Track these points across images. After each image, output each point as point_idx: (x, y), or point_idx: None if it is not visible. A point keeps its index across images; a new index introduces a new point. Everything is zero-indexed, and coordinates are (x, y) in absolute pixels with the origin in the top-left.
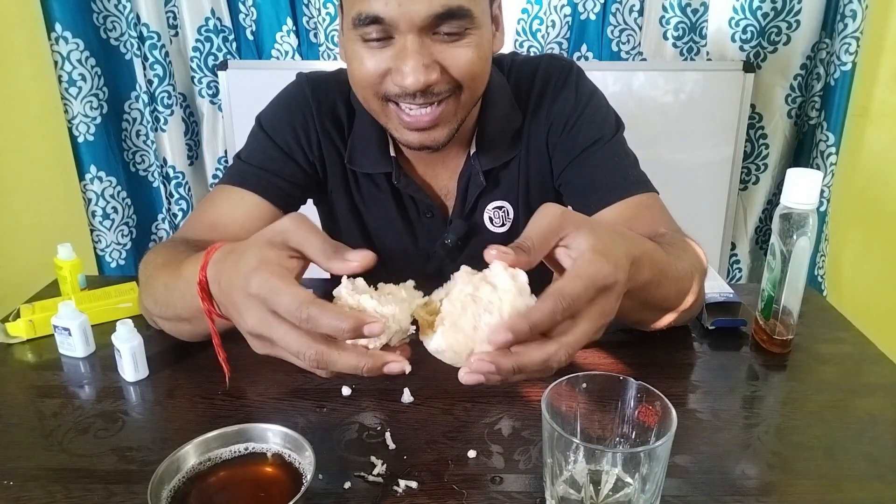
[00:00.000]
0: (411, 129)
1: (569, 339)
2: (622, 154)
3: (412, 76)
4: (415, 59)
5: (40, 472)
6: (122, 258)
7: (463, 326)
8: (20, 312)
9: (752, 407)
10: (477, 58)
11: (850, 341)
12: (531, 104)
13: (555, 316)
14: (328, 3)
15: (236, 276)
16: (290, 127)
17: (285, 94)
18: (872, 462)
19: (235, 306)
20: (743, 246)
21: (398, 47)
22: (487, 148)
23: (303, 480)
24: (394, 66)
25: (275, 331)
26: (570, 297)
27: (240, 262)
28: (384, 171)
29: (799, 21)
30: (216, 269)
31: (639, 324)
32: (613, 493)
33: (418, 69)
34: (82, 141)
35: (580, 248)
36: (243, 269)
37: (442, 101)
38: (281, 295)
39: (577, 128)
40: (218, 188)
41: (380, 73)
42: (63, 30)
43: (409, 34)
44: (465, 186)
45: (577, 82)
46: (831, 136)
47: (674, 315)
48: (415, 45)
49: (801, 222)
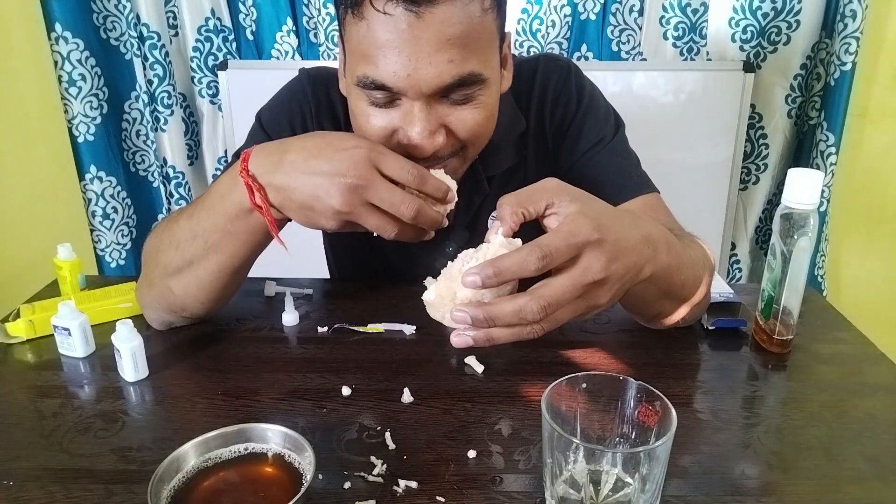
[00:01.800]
0: None
1: (542, 291)
2: (624, 154)
3: (419, 142)
4: (421, 125)
5: (40, 472)
6: (122, 258)
7: (452, 274)
8: (20, 312)
9: (752, 407)
10: (484, 118)
11: (850, 341)
12: (532, 108)
13: (525, 264)
14: (328, 3)
15: (332, 140)
16: (288, 126)
17: (286, 90)
18: (872, 462)
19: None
20: (743, 246)
21: (404, 110)
22: (490, 155)
23: (303, 480)
24: (400, 128)
25: (380, 183)
26: (545, 247)
27: (325, 135)
28: None
29: (799, 21)
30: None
31: (657, 317)
32: (613, 493)
33: (425, 135)
34: (82, 141)
35: (567, 211)
36: (339, 135)
37: (447, 160)
38: (394, 155)
39: (579, 130)
40: None
41: (387, 133)
42: (63, 30)
43: (416, 101)
44: (469, 195)
45: (577, 83)
46: (831, 137)
47: (687, 308)
48: (422, 112)
49: (802, 222)
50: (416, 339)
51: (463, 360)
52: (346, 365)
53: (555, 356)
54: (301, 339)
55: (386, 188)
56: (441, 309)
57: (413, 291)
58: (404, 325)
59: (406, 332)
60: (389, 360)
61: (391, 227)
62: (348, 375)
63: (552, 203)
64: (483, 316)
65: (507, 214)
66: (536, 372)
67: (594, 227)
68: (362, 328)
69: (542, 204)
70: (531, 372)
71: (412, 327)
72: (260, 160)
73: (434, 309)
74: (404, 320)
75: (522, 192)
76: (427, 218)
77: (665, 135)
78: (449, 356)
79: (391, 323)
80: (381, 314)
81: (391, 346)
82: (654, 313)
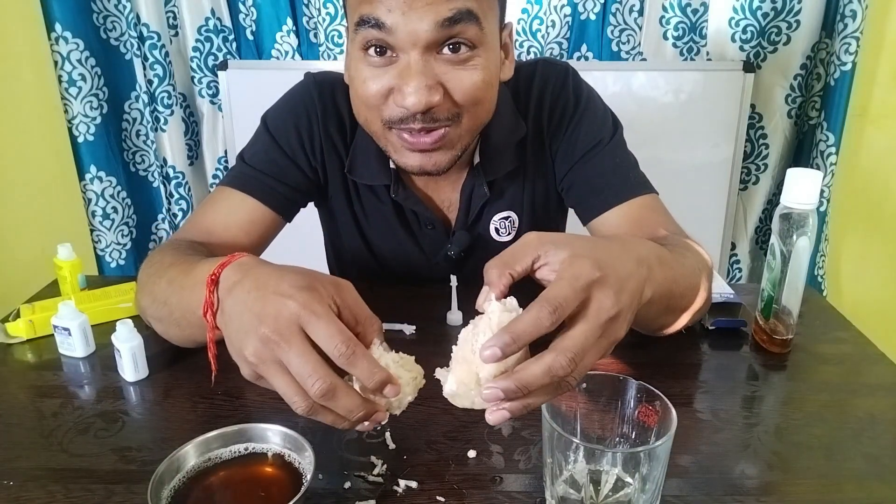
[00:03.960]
0: (413, 151)
1: (566, 343)
2: (622, 156)
3: (414, 96)
4: (417, 78)
5: (40, 472)
6: (122, 258)
7: (464, 357)
8: (20, 312)
9: (752, 407)
10: (482, 81)
11: (850, 341)
12: (531, 111)
13: (540, 321)
14: (328, 3)
15: (277, 280)
16: (294, 130)
17: (292, 94)
18: (872, 462)
19: (250, 310)
20: (743, 246)
21: (401, 66)
22: (491, 158)
23: (303, 480)
24: (396, 86)
25: (294, 346)
26: (554, 299)
27: (284, 272)
28: (383, 182)
29: (799, 21)
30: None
31: (659, 329)
32: (613, 493)
33: (420, 89)
34: (82, 141)
35: (559, 258)
36: (290, 277)
37: (443, 126)
38: (327, 321)
39: (577, 132)
40: (219, 189)
41: (382, 92)
42: (63, 30)
43: (412, 51)
44: (469, 198)
45: (574, 85)
46: (831, 137)
47: (689, 315)
48: (418, 64)
49: (801, 222)
50: (416, 339)
51: None
52: None
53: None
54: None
55: (298, 353)
56: (469, 395)
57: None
58: (404, 325)
59: (406, 332)
60: None
61: (299, 400)
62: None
63: (538, 256)
64: (515, 386)
65: (495, 278)
66: None
67: (593, 265)
68: None
69: (528, 260)
70: None
71: (412, 327)
72: (229, 273)
73: (461, 398)
74: (404, 320)
75: (506, 253)
76: (344, 406)
77: (665, 135)
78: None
79: (391, 323)
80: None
81: (391, 346)
82: (655, 328)
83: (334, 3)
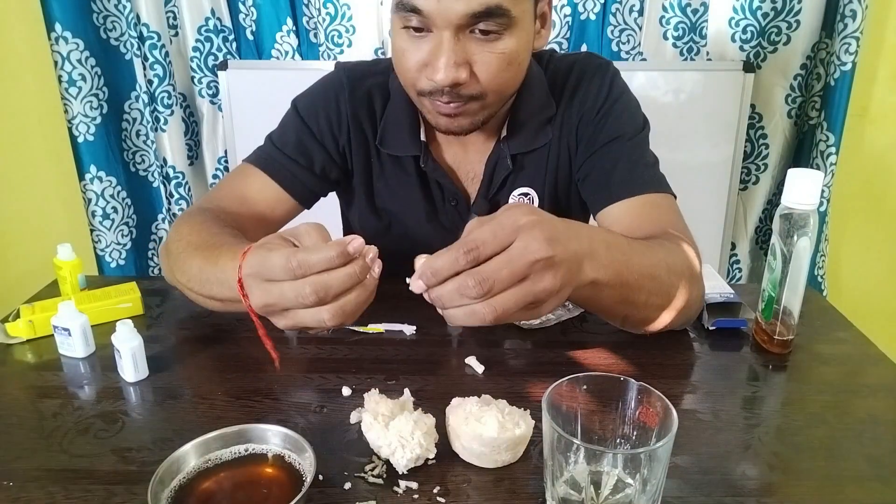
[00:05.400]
0: (441, 114)
1: (479, 269)
2: (640, 153)
3: (442, 72)
4: (447, 56)
5: (40, 472)
6: (122, 258)
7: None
8: (20, 312)
9: (753, 407)
10: (507, 64)
11: (850, 341)
12: (565, 95)
13: (457, 259)
14: (328, 3)
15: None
16: (323, 111)
17: (322, 80)
18: (873, 462)
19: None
20: (743, 246)
21: (434, 42)
22: (517, 133)
23: (303, 481)
24: (428, 61)
25: (275, 292)
26: (472, 241)
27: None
28: (413, 153)
29: (799, 21)
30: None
31: (636, 324)
32: (614, 494)
33: (449, 66)
34: (82, 141)
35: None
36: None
37: (467, 102)
38: (270, 259)
39: (602, 122)
40: (247, 166)
41: (417, 66)
42: (63, 30)
43: (445, 31)
44: (492, 170)
45: (611, 80)
46: (831, 136)
47: (670, 315)
48: (449, 42)
49: (802, 222)
50: (417, 340)
51: (463, 360)
52: (346, 365)
53: (555, 357)
54: (301, 339)
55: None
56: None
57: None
58: (404, 325)
59: (406, 333)
60: (390, 360)
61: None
62: (349, 375)
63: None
64: (429, 272)
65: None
66: (537, 372)
67: (524, 212)
68: (362, 328)
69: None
70: (532, 372)
71: (412, 327)
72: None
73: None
74: (404, 320)
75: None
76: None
77: (665, 135)
78: (450, 357)
79: (391, 323)
80: (381, 314)
81: (391, 347)
82: (620, 318)
83: (334, 3)
